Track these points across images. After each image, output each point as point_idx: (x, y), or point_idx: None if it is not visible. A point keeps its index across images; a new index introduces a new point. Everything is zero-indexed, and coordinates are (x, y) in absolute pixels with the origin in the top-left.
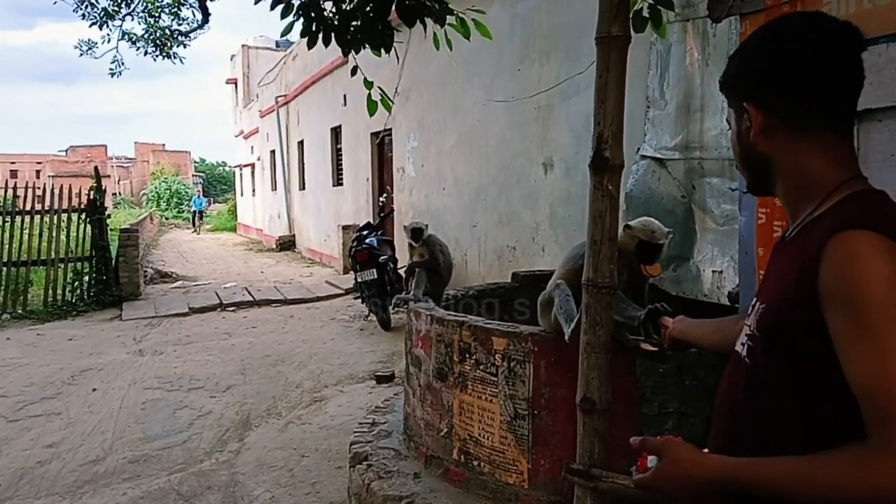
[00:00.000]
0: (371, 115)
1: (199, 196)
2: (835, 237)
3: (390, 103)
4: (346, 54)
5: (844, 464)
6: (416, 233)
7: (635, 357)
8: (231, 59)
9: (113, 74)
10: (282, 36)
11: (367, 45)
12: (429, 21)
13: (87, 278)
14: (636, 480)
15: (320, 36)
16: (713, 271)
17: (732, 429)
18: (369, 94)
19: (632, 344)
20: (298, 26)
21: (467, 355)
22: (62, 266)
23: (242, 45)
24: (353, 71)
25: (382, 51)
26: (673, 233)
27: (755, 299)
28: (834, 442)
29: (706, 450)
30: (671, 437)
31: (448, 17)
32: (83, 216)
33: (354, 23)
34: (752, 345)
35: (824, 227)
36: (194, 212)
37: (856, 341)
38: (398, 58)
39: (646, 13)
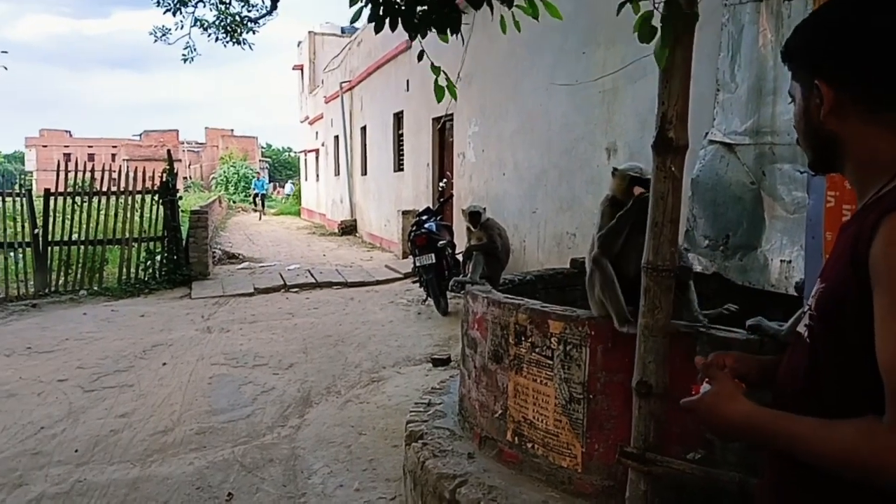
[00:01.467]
0: (438, 101)
1: (259, 178)
2: (887, 216)
3: (455, 89)
4: (412, 38)
5: (856, 433)
6: (473, 216)
7: (696, 343)
8: (298, 46)
9: (185, 60)
10: (351, 22)
11: (433, 29)
12: (496, 3)
13: (158, 258)
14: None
15: (387, 21)
16: (781, 261)
17: (791, 408)
18: (436, 80)
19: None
20: (366, 12)
21: (523, 338)
22: (136, 245)
23: (309, 32)
24: (420, 56)
25: (446, 38)
26: (742, 221)
27: (818, 279)
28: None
29: None
30: (730, 376)
31: None
32: (156, 198)
33: (421, 7)
34: (811, 324)
35: (883, 206)
36: (255, 194)
37: (888, 318)
38: (463, 41)
39: None
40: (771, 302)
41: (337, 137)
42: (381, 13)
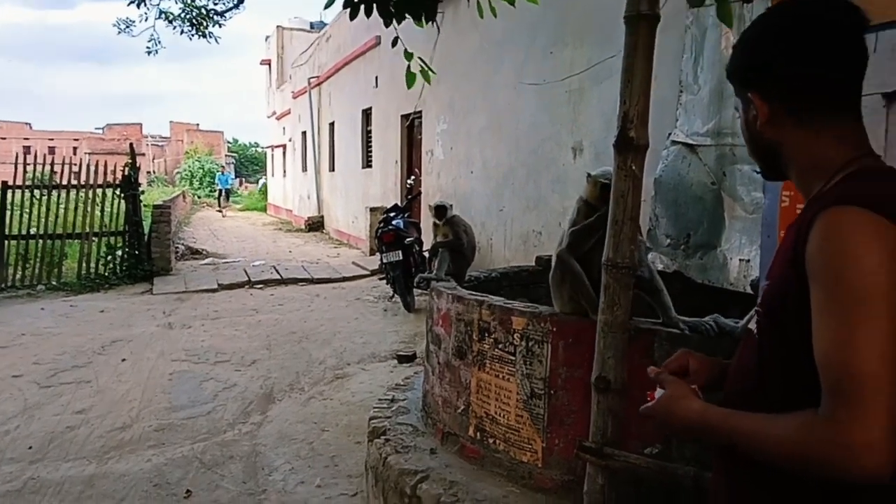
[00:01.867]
0: (409, 87)
1: (223, 173)
2: (822, 213)
3: (431, 73)
4: (387, 24)
5: (796, 426)
6: (440, 210)
7: (654, 340)
8: (266, 41)
9: (150, 53)
10: (325, 8)
11: (408, 16)
12: None
13: (119, 253)
14: (641, 409)
15: (362, 7)
16: (740, 260)
17: (740, 404)
18: (408, 67)
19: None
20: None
21: (486, 334)
22: (96, 240)
23: (277, 27)
24: (394, 42)
25: (415, 28)
26: (703, 221)
27: (766, 278)
28: None
29: None
30: (680, 380)
31: None
32: (117, 192)
33: None
34: (759, 320)
35: (819, 203)
36: (220, 190)
37: (824, 313)
38: (438, 29)
39: None
40: (731, 300)
41: (305, 133)
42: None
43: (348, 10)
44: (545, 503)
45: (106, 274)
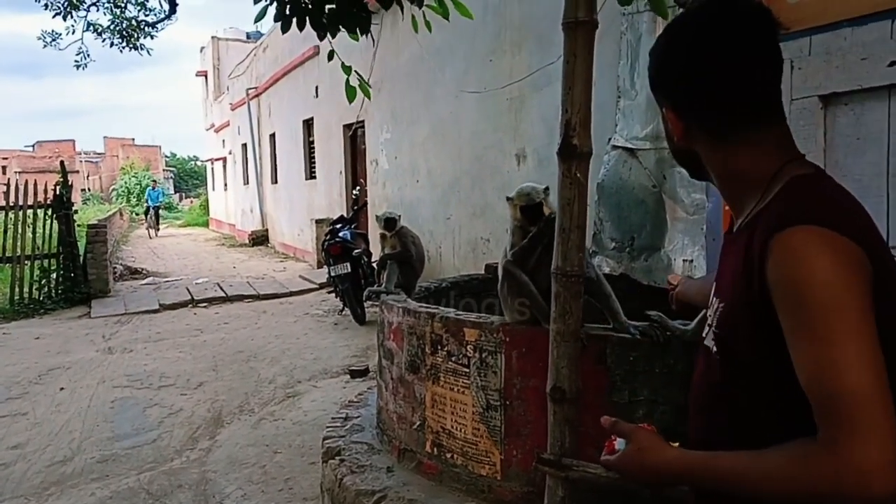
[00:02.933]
0: (350, 101)
1: (154, 188)
2: (777, 236)
3: (368, 88)
4: (321, 38)
5: (793, 460)
6: (388, 223)
7: (606, 345)
8: (201, 52)
9: (78, 66)
10: (255, 21)
11: (342, 29)
12: (406, 2)
13: (54, 276)
14: (602, 461)
15: (294, 20)
16: (684, 260)
17: (713, 422)
18: (347, 80)
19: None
20: (272, 11)
21: (439, 347)
22: (28, 263)
23: (212, 37)
24: (330, 56)
25: (356, 37)
26: (646, 224)
27: (713, 295)
28: (804, 435)
29: (677, 443)
30: (642, 425)
31: None
32: (49, 212)
33: (329, 6)
34: (718, 341)
35: (767, 223)
36: (148, 207)
37: (801, 339)
38: (374, 42)
39: None
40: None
41: (245, 145)
42: (287, 12)
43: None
44: None
45: (40, 298)
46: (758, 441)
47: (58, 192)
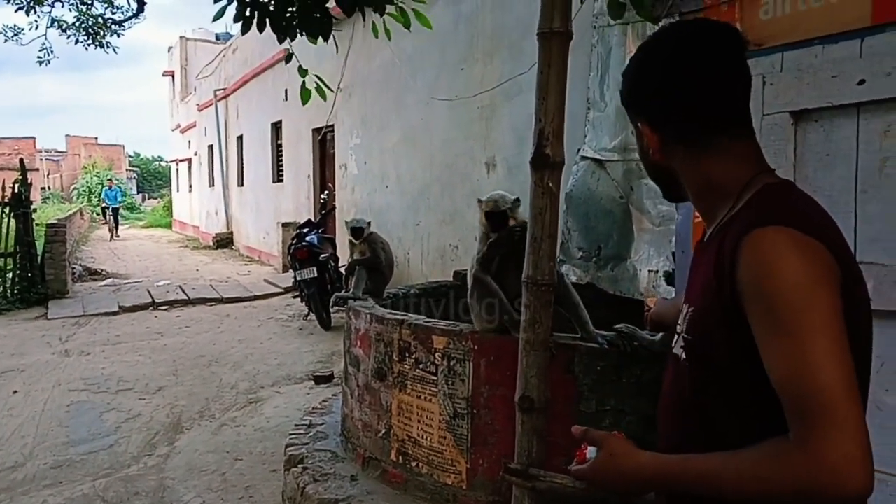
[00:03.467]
0: (304, 103)
1: (111, 187)
2: (746, 237)
3: (326, 91)
4: (281, 41)
5: (766, 459)
6: (356, 231)
7: (574, 355)
8: (168, 51)
9: (41, 63)
10: (214, 20)
11: (303, 33)
12: (368, 10)
13: (10, 275)
14: (574, 471)
15: (255, 22)
16: (650, 271)
17: (683, 430)
18: (303, 83)
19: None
20: (232, 11)
21: (407, 354)
22: None
23: (181, 37)
24: (288, 58)
25: (322, 43)
26: (613, 234)
27: (683, 303)
28: (775, 436)
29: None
30: (613, 433)
31: (388, 6)
32: (7, 210)
33: (291, 8)
34: (687, 347)
35: (737, 227)
36: (105, 208)
37: (771, 337)
38: (337, 48)
39: None
40: (639, 310)
41: (211, 147)
42: (247, 13)
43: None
44: None
45: None
46: (729, 446)
47: (16, 190)
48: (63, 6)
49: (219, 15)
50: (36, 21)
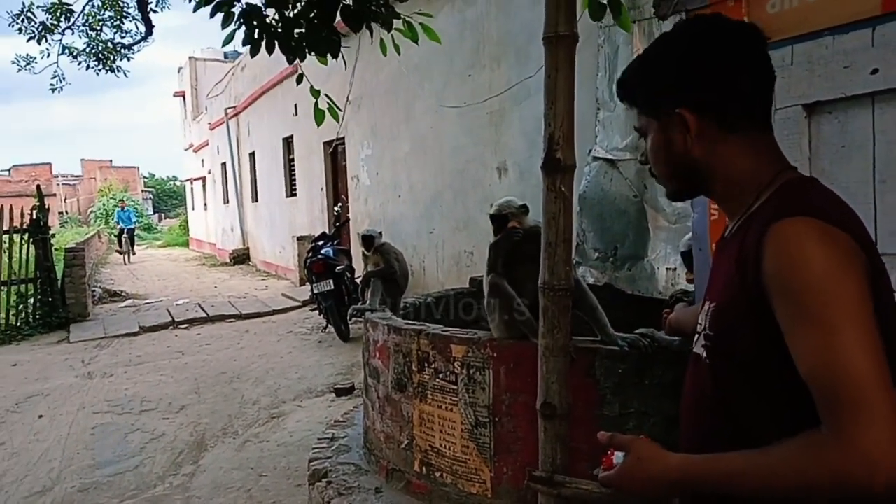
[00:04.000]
0: (318, 124)
1: (123, 208)
2: (772, 227)
3: (338, 111)
4: (290, 62)
5: (802, 453)
6: (367, 240)
7: (594, 359)
8: (178, 72)
9: (54, 90)
10: (223, 45)
11: (312, 52)
12: (376, 26)
13: (31, 301)
14: (601, 478)
15: (263, 44)
16: (667, 269)
17: (706, 428)
18: (315, 104)
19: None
20: (241, 34)
21: (426, 364)
22: (5, 289)
23: (190, 58)
24: (299, 79)
25: (331, 58)
26: (628, 233)
27: (704, 300)
28: (802, 429)
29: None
30: (640, 436)
31: (395, 21)
32: (26, 237)
33: (299, 30)
34: (709, 344)
35: (762, 219)
36: (121, 230)
37: (800, 327)
38: (345, 64)
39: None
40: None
41: (224, 164)
42: (255, 36)
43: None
44: None
45: (18, 324)
46: (754, 442)
47: (34, 217)
48: (73, 33)
49: (228, 40)
50: (48, 49)
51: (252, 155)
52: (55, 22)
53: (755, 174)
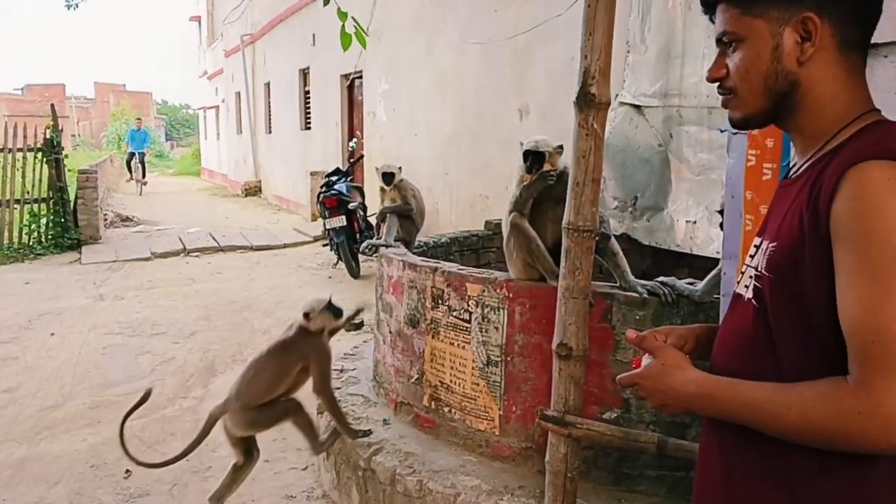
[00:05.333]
0: (345, 49)
1: (138, 128)
2: (852, 169)
3: (365, 36)
4: None
5: (819, 396)
6: (386, 176)
7: (612, 304)
8: None
9: (69, 7)
10: None
11: None
12: None
13: (44, 220)
14: (620, 377)
15: None
16: (687, 221)
17: (746, 369)
18: (342, 28)
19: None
20: None
21: (440, 301)
22: (18, 207)
23: None
24: (326, 0)
25: None
26: (650, 183)
27: (760, 238)
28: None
29: None
30: (670, 346)
31: None
32: (39, 156)
33: None
34: (759, 285)
35: (841, 159)
36: (131, 154)
37: (855, 275)
38: None
39: None
40: (674, 262)
41: (239, 94)
42: None
43: None
44: (503, 471)
45: (30, 243)
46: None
47: (48, 136)
48: None
49: None
50: None
51: (267, 85)
52: None
53: (845, 109)
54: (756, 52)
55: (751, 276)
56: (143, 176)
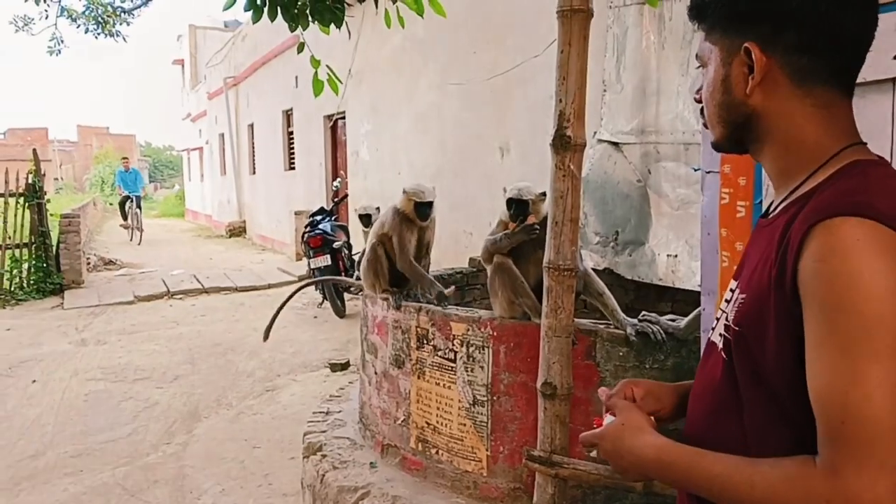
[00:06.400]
0: (316, 95)
1: (127, 169)
2: (819, 226)
3: (338, 83)
4: (292, 30)
5: (786, 477)
6: (363, 219)
7: (595, 341)
8: (178, 40)
9: (52, 53)
10: (224, 10)
11: (315, 21)
12: None
13: (26, 266)
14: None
15: (266, 10)
16: (668, 255)
17: (711, 421)
18: (315, 73)
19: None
20: (242, 0)
21: (425, 341)
22: (0, 253)
23: (190, 25)
24: (300, 48)
25: (334, 29)
26: (630, 218)
27: (735, 282)
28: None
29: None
30: (636, 407)
31: None
32: (21, 201)
33: None
34: (728, 337)
35: (808, 212)
36: (126, 197)
37: (824, 346)
38: (349, 33)
39: None
40: (657, 295)
41: (222, 135)
42: (258, 2)
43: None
44: None
45: (11, 289)
46: (762, 446)
47: (30, 181)
48: None
49: (230, 4)
50: (46, 10)
51: (251, 126)
52: None
53: (817, 147)
54: (713, 79)
55: (724, 325)
56: (139, 221)
